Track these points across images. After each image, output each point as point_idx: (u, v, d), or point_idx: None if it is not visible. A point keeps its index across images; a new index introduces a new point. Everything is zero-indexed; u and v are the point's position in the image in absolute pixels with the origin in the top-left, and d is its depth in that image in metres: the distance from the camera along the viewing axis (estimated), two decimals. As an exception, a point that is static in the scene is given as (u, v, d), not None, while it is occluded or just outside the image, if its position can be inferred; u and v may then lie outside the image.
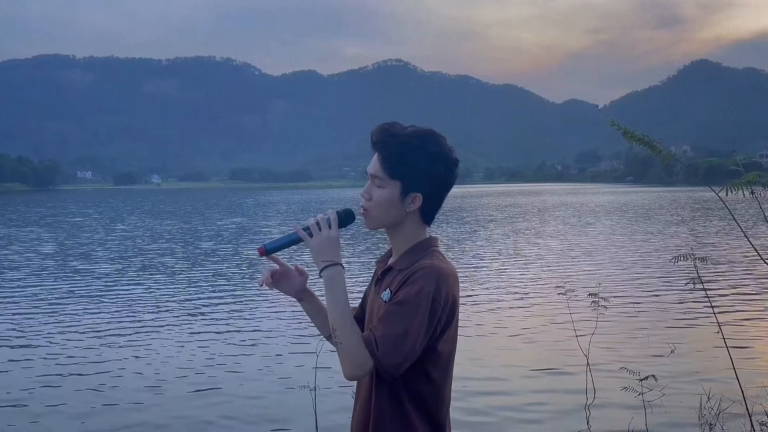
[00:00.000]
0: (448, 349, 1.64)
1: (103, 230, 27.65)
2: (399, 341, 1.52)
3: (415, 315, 1.53)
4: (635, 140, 3.81)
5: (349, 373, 1.56)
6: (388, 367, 1.53)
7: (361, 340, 1.55)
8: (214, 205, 58.21)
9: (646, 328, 8.25)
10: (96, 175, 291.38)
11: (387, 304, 1.60)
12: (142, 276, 13.89)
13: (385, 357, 1.52)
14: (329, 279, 1.62)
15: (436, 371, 1.61)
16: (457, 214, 35.65)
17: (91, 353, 7.47)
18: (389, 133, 1.64)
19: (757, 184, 3.27)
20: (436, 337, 1.58)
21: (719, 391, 5.14)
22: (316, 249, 1.63)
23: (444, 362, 1.63)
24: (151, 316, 9.59)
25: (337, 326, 1.58)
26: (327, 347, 4.88)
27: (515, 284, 12.05)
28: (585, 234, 22.17)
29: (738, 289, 11.01)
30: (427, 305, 1.54)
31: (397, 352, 1.52)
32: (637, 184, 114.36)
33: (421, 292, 1.54)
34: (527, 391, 6.12)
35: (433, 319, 1.55)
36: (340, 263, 1.64)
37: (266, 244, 1.73)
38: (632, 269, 13.57)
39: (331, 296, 1.61)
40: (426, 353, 1.57)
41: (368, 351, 1.53)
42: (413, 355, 1.54)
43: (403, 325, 1.53)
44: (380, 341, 1.53)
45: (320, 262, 1.63)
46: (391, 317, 1.55)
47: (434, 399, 1.63)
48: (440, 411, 1.65)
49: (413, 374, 1.58)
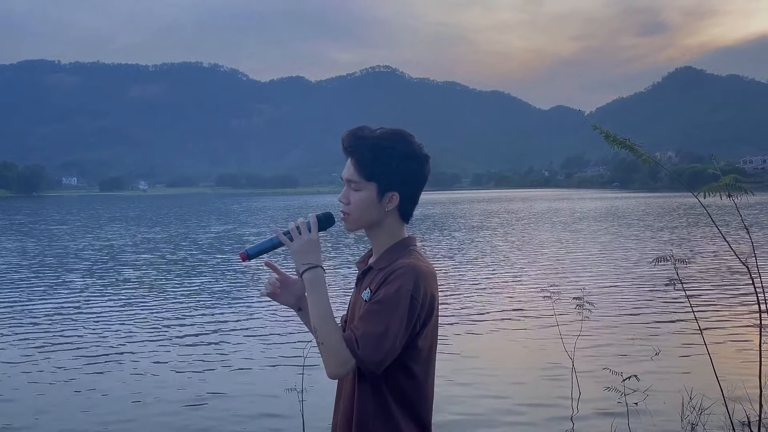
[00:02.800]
0: (428, 344, 1.67)
1: (80, 239, 26.29)
2: (379, 339, 1.55)
3: (394, 313, 1.56)
4: (617, 144, 3.89)
5: (331, 371, 1.60)
6: (369, 365, 1.57)
7: (342, 339, 1.59)
8: (198, 211, 57.93)
9: (630, 329, 8.38)
10: (82, 181, 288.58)
11: (367, 303, 1.64)
12: (118, 285, 13.72)
13: (366, 355, 1.56)
14: (310, 281, 1.66)
15: (417, 367, 1.65)
16: (447, 220, 35.79)
17: (68, 365, 7.39)
18: (359, 137, 1.68)
19: (733, 188, 3.36)
20: (416, 334, 1.62)
21: (701, 391, 5.23)
22: (297, 252, 1.67)
23: (424, 357, 1.66)
24: (128, 326, 9.46)
25: (319, 326, 1.62)
26: (315, 350, 4.91)
27: (501, 288, 12.15)
28: (571, 239, 22.33)
29: (718, 290, 11.23)
30: (406, 303, 1.57)
31: (378, 349, 1.55)
32: (622, 189, 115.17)
33: (400, 291, 1.58)
34: (513, 393, 6.19)
35: (413, 316, 1.58)
36: (321, 265, 1.68)
37: (248, 249, 1.75)
38: (617, 273, 13.72)
39: (312, 297, 1.66)
40: (406, 350, 1.61)
41: (349, 349, 1.57)
42: (394, 352, 1.58)
43: (383, 323, 1.56)
44: (361, 340, 1.56)
45: (301, 264, 1.67)
46: (371, 316, 1.58)
47: (416, 394, 1.66)
48: (423, 406, 1.68)
49: (395, 371, 1.62)
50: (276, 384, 6.33)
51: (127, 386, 6.50)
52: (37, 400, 6.12)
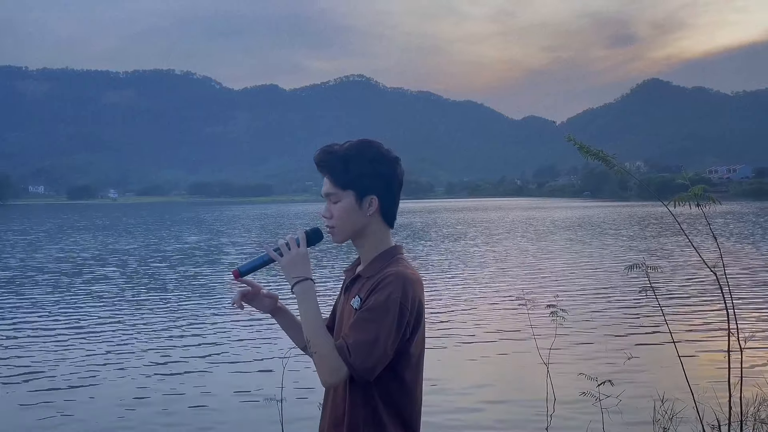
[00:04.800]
0: (418, 351, 1.72)
1: (37, 252, 24.87)
2: (370, 346, 1.59)
3: (384, 321, 1.61)
4: (590, 155, 3.99)
5: (325, 380, 1.64)
6: (361, 372, 1.61)
7: (334, 348, 1.63)
8: (168, 220, 57.13)
9: (604, 336, 8.53)
10: (49, 189, 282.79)
11: (357, 311, 1.68)
12: (85, 296, 13.54)
13: (358, 362, 1.60)
14: (301, 293, 1.71)
15: (407, 373, 1.70)
16: (423, 230, 35.94)
17: (22, 393, 7.24)
18: (328, 152, 1.75)
19: (702, 198, 3.48)
20: (407, 340, 1.67)
21: (672, 396, 5.36)
22: (287, 266, 1.73)
23: (414, 364, 1.72)
24: (107, 335, 9.34)
25: (312, 336, 1.66)
26: (294, 359, 4.91)
27: (477, 297, 12.24)
28: (544, 248, 22.61)
29: (689, 296, 11.51)
30: (395, 311, 1.62)
31: (370, 357, 1.59)
32: (593, 198, 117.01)
33: (389, 299, 1.62)
34: (488, 399, 6.26)
35: (402, 323, 1.63)
36: (311, 278, 1.74)
37: (240, 266, 1.80)
38: (590, 281, 13.93)
39: (303, 309, 1.71)
40: (397, 357, 1.65)
41: (341, 358, 1.61)
42: (385, 359, 1.62)
43: (373, 331, 1.60)
44: (352, 348, 1.60)
45: (291, 278, 1.72)
46: (362, 324, 1.63)
47: (406, 401, 1.71)
48: (412, 413, 1.73)
49: (386, 378, 1.66)
50: (255, 392, 6.31)
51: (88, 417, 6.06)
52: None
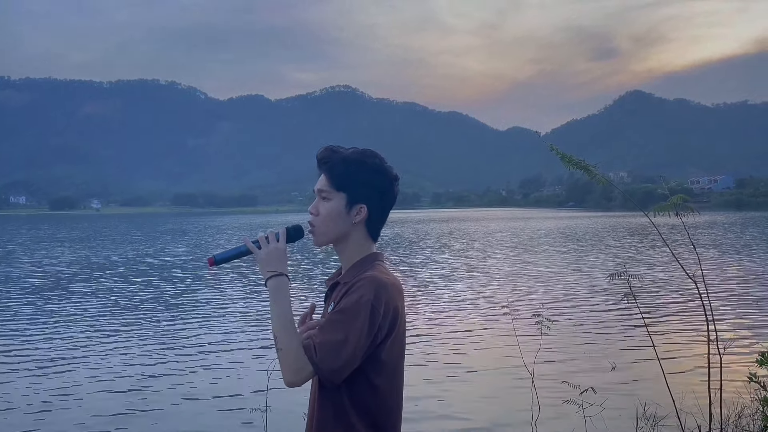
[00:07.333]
0: (393, 357, 1.66)
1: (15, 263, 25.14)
2: (338, 347, 1.55)
3: (354, 322, 1.56)
4: (573, 165, 4.05)
5: (288, 378, 1.60)
6: (326, 373, 1.56)
7: (300, 346, 1.59)
8: (153, 231, 56.69)
9: (587, 344, 8.61)
10: (31, 200, 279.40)
11: (329, 313, 1.67)
12: (69, 303, 13.41)
13: (323, 362, 1.55)
14: (274, 288, 1.67)
15: (379, 380, 1.63)
16: (409, 240, 35.98)
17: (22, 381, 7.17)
18: (332, 151, 1.76)
19: (681, 208, 3.55)
20: (378, 345, 1.61)
21: (654, 402, 5.42)
22: (264, 260, 1.70)
23: (389, 371, 1.65)
24: (89, 341, 9.27)
25: (279, 333, 1.62)
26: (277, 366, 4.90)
27: (462, 306, 12.29)
28: (529, 258, 22.76)
29: (670, 305, 11.66)
30: (366, 313, 1.57)
31: (336, 358, 1.55)
32: (578, 209, 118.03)
33: (360, 300, 1.58)
34: (473, 407, 6.29)
35: (373, 326, 1.58)
36: (286, 274, 1.70)
37: (216, 255, 1.78)
38: (574, 290, 14.05)
39: (274, 304, 1.66)
40: (369, 362, 1.60)
41: (307, 356, 1.57)
42: (353, 361, 1.57)
43: (342, 331, 1.56)
44: (319, 347, 1.56)
45: (266, 272, 1.69)
46: (331, 325, 1.59)
47: (379, 408, 1.64)
48: (387, 421, 1.66)
49: (357, 383, 1.61)
50: (240, 401, 6.28)
51: (88, 398, 6.25)
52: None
